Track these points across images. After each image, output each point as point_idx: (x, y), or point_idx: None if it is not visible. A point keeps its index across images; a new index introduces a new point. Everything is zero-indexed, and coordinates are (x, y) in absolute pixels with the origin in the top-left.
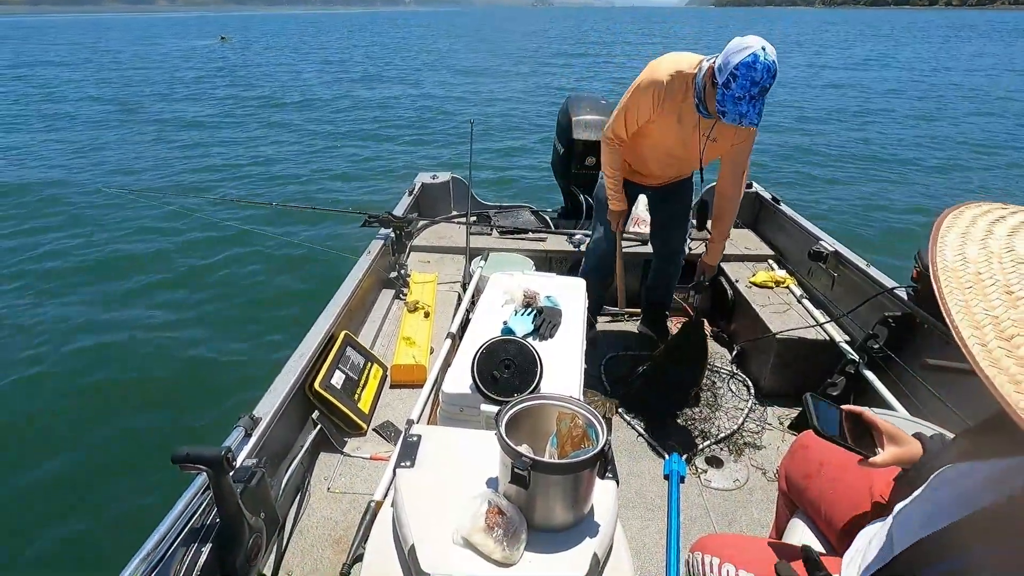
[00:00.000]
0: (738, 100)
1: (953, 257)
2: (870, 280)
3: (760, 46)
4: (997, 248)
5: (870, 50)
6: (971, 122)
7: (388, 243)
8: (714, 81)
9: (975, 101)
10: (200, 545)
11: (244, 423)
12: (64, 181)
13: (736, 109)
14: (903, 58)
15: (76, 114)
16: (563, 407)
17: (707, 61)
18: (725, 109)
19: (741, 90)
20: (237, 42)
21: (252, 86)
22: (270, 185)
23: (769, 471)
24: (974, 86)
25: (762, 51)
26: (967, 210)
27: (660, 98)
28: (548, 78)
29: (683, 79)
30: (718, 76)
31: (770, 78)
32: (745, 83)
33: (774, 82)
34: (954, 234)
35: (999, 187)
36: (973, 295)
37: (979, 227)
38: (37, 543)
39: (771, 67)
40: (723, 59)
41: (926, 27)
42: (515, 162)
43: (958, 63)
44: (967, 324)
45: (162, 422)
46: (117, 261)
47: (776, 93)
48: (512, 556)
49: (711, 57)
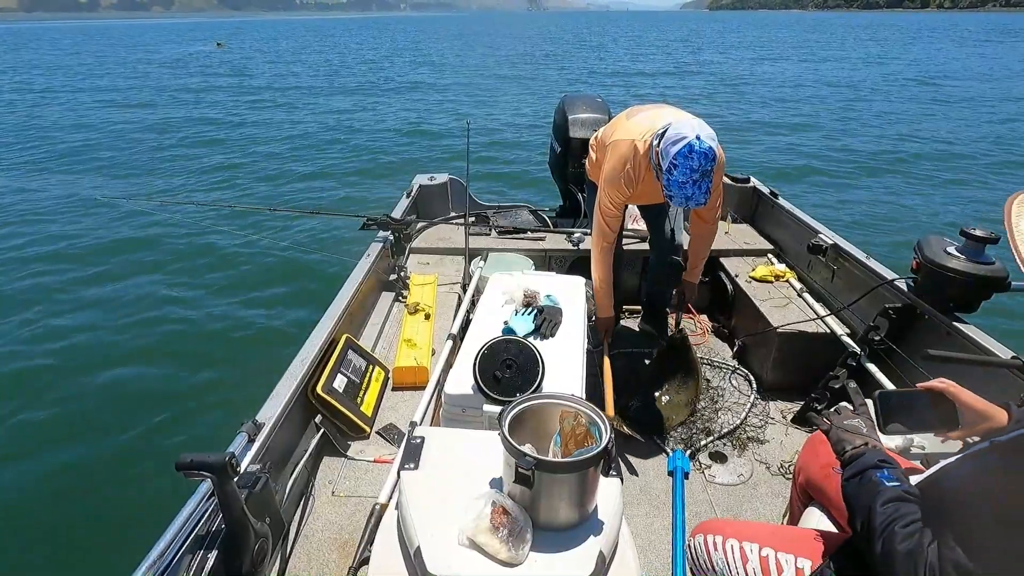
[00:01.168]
0: (682, 184)
1: None
2: (870, 272)
3: (694, 135)
4: None
5: (881, 52)
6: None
7: (387, 245)
8: (656, 166)
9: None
10: (206, 552)
11: (247, 429)
12: (63, 188)
13: (682, 192)
14: (907, 58)
15: (73, 121)
16: (566, 406)
17: (656, 138)
18: (672, 193)
19: (683, 176)
20: (233, 48)
21: (248, 91)
22: (268, 190)
23: (773, 465)
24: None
25: (696, 140)
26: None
27: (629, 183)
28: (543, 78)
29: (643, 161)
30: (661, 163)
31: (708, 162)
32: (685, 171)
33: (714, 164)
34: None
35: (996, 181)
36: None
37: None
38: (42, 552)
39: (708, 152)
40: (663, 148)
41: (921, 30)
42: (512, 162)
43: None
44: None
45: (165, 429)
46: (115, 267)
47: (776, 93)
48: (518, 556)
49: (659, 130)
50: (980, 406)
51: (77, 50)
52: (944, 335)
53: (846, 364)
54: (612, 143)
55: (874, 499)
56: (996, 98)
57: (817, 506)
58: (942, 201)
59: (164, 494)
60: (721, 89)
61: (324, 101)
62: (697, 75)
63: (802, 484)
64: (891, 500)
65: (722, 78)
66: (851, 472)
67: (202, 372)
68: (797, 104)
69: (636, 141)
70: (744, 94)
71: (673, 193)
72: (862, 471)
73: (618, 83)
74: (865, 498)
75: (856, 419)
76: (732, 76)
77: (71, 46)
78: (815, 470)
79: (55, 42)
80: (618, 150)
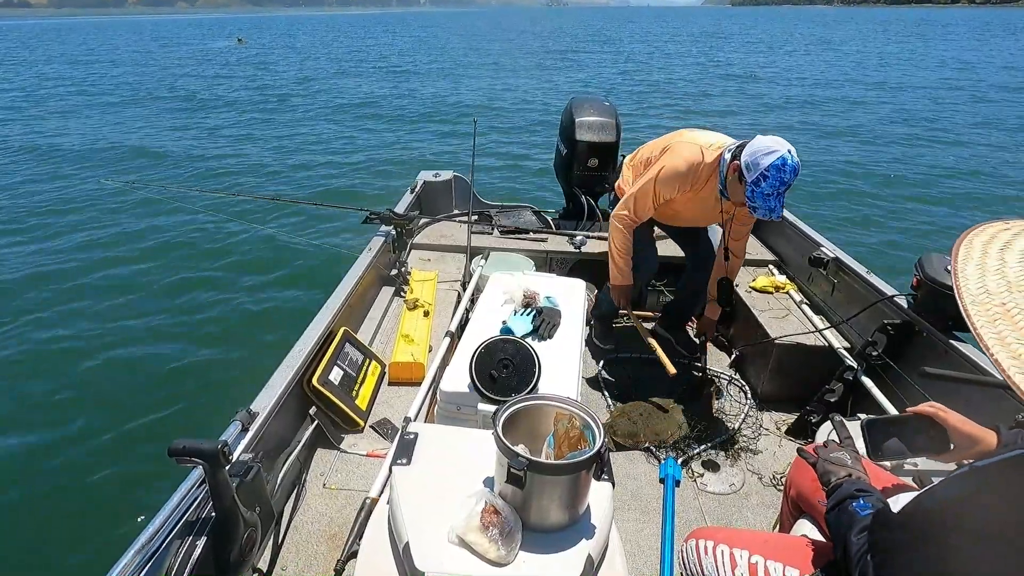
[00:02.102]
0: (767, 196)
1: (977, 290)
2: (870, 287)
3: (786, 149)
4: (1014, 277)
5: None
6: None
7: (389, 240)
8: (740, 177)
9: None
10: (195, 538)
11: (241, 417)
12: (64, 174)
13: (766, 204)
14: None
15: (87, 109)
16: (561, 408)
17: (728, 152)
18: (756, 205)
19: (771, 188)
20: (253, 44)
21: (263, 85)
22: (272, 180)
23: (765, 476)
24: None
25: (788, 154)
26: (976, 238)
27: (684, 187)
28: (553, 78)
29: (706, 170)
30: (747, 174)
31: (794, 177)
32: (775, 183)
33: (796, 179)
34: (972, 267)
35: (995, 184)
36: (1004, 326)
37: (992, 256)
38: (31, 535)
39: (797, 167)
40: (751, 159)
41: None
42: (517, 162)
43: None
44: (1005, 356)
45: (159, 415)
46: (116, 253)
47: (772, 92)
48: (507, 556)
49: (731, 146)
50: (969, 429)
51: (113, 44)
52: (942, 353)
53: (842, 378)
54: (673, 146)
55: (849, 529)
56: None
57: (808, 518)
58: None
59: (155, 479)
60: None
61: (330, 95)
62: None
63: (793, 497)
64: (863, 530)
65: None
66: (832, 503)
67: (198, 360)
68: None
69: (704, 148)
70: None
71: (758, 205)
72: (840, 501)
73: (631, 88)
74: (842, 528)
75: (841, 452)
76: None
77: (102, 41)
78: (806, 484)
79: (89, 36)
80: (681, 152)
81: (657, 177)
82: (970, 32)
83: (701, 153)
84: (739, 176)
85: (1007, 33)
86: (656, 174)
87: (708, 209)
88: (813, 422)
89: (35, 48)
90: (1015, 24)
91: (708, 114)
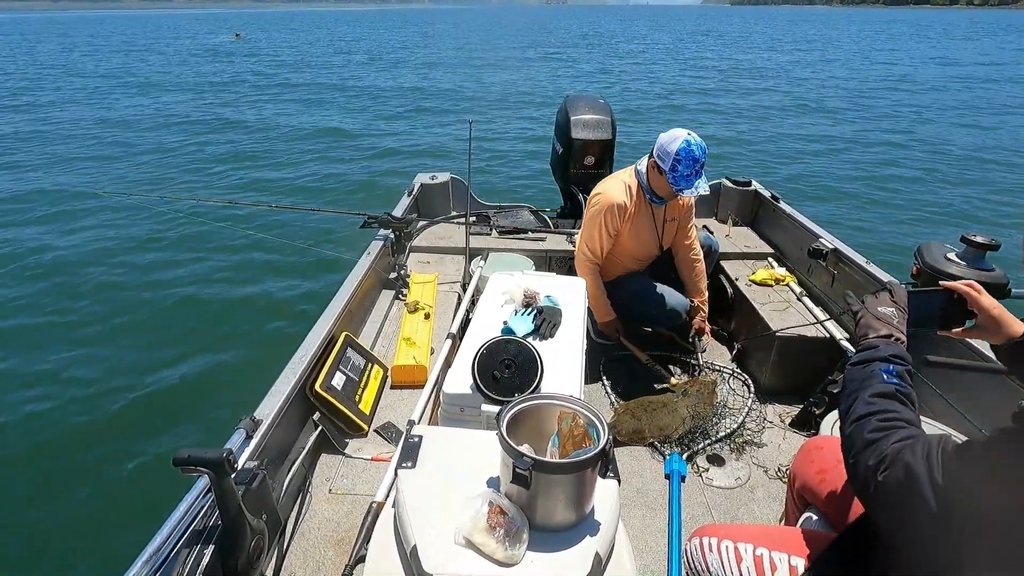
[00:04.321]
0: (688, 177)
1: None
2: (870, 277)
3: (686, 133)
4: None
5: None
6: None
7: (388, 244)
8: (659, 169)
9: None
10: (202, 547)
11: (245, 425)
12: (58, 185)
13: (688, 184)
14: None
15: (72, 117)
16: (564, 406)
17: (640, 164)
18: (680, 187)
19: (687, 168)
20: (251, 39)
21: (258, 85)
22: (269, 186)
23: (770, 469)
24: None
25: (690, 136)
26: None
27: (622, 212)
28: (548, 77)
29: (632, 188)
30: (662, 164)
31: (704, 155)
32: (689, 163)
33: (706, 157)
34: None
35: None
36: None
37: None
38: (39, 546)
39: (703, 146)
40: (661, 151)
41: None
42: (514, 162)
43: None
44: None
45: (163, 425)
46: (114, 263)
47: (771, 92)
48: (514, 556)
49: (640, 159)
50: (997, 312)
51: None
52: (943, 341)
53: (844, 369)
54: (600, 190)
55: (866, 389)
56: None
57: (813, 511)
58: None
59: (161, 489)
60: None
61: (326, 98)
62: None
63: (798, 489)
64: (880, 395)
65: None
66: (859, 358)
67: (201, 368)
68: (800, 99)
69: (619, 176)
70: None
71: (681, 185)
72: (869, 360)
73: (625, 89)
74: (859, 385)
75: (891, 308)
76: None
77: (101, 35)
78: (810, 476)
79: (90, 29)
80: (609, 186)
81: (596, 215)
82: (969, 32)
83: (622, 181)
84: (658, 170)
85: (1007, 33)
86: (599, 207)
87: (650, 232)
88: (816, 414)
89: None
90: (1015, 24)
91: (706, 112)
